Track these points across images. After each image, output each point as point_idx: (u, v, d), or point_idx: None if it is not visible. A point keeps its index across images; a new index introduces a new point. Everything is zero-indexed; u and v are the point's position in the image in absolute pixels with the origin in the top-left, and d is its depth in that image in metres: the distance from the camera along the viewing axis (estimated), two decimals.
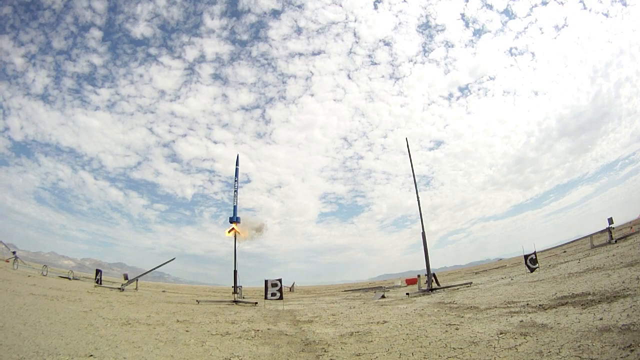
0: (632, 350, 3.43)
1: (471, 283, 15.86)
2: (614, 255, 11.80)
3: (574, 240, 27.18)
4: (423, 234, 15.96)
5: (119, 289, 19.51)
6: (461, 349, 4.74)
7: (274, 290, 14.32)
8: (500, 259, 70.14)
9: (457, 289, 14.49)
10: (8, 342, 4.84)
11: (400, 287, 24.23)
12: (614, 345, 3.67)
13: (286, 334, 7.35)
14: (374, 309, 11.26)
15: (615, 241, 17.00)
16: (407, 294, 15.56)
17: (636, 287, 6.02)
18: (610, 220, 18.78)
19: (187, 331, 7.53)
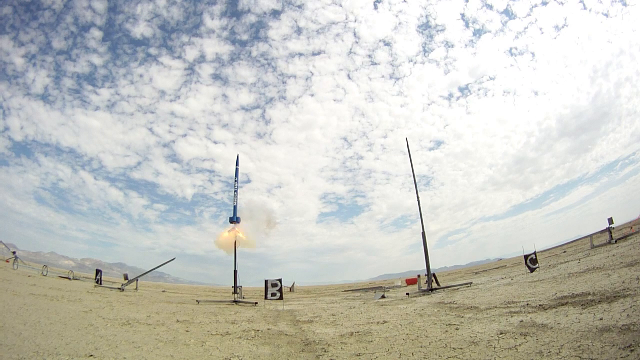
0: (632, 350, 3.43)
1: (471, 283, 15.86)
2: (614, 255, 11.79)
3: (574, 240, 27.16)
4: (423, 234, 15.97)
5: (119, 289, 19.51)
6: (461, 349, 4.74)
7: (274, 290, 14.31)
8: (500, 259, 70.07)
9: (457, 289, 14.49)
10: (8, 342, 4.84)
11: (400, 287, 24.22)
12: (614, 345, 3.67)
13: (286, 334, 7.35)
14: (374, 309, 11.26)
15: (615, 241, 17.00)
16: (407, 294, 15.56)
17: (636, 287, 6.02)
18: (610, 220, 18.77)
19: (187, 331, 7.53)
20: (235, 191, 20.46)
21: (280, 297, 14.27)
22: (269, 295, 14.27)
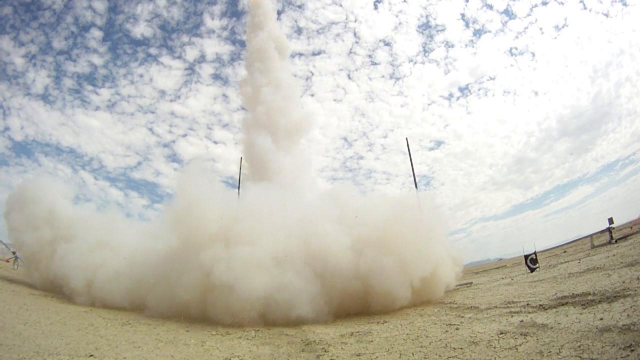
0: (632, 350, 3.43)
1: (471, 283, 15.85)
2: (614, 255, 11.78)
3: (574, 240, 27.13)
4: None
5: None
6: (461, 349, 4.74)
7: None
8: (501, 259, 69.85)
9: (457, 289, 14.49)
10: (8, 342, 4.84)
11: None
12: (614, 345, 3.67)
13: (286, 334, 7.34)
14: None
15: (616, 241, 16.98)
16: None
17: (636, 287, 6.02)
18: (611, 221, 18.71)
19: (187, 331, 7.53)
20: None
21: None
22: None
